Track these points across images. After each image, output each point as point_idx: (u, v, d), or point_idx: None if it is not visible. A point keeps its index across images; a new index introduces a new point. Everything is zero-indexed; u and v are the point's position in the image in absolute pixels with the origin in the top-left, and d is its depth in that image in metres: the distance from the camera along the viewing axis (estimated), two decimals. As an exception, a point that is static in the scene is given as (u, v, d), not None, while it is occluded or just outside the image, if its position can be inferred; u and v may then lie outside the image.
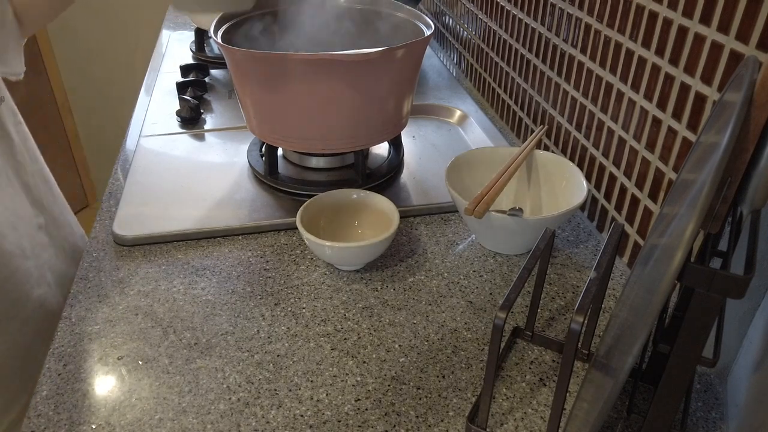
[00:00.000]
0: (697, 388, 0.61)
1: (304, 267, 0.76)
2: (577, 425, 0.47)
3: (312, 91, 0.79)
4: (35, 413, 0.57)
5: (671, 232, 0.39)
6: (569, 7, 0.83)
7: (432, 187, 0.91)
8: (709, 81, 0.59)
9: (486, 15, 1.13)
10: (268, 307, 0.70)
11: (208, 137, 1.07)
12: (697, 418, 0.58)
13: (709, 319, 0.38)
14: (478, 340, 0.66)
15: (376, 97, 0.82)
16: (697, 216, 0.32)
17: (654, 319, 0.34)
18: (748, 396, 0.55)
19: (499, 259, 0.78)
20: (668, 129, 0.66)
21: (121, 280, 0.73)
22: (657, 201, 0.69)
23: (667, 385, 0.41)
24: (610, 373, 0.40)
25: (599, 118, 0.79)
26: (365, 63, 0.76)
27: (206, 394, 0.59)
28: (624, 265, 0.77)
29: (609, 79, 0.76)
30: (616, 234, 0.54)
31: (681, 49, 0.62)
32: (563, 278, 0.75)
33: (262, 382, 0.61)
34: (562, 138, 0.90)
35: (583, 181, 0.76)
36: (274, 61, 0.77)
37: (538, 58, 0.94)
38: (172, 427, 0.56)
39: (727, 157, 0.33)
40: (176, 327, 0.67)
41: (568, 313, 0.70)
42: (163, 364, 0.62)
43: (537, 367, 0.63)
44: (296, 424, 0.56)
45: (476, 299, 0.71)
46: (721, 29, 0.56)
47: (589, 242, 0.81)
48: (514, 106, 1.06)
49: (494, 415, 0.58)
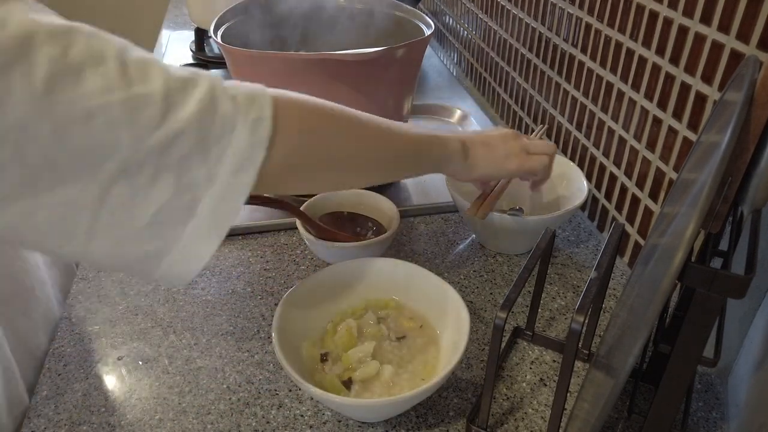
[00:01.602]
0: (698, 388, 0.61)
1: (304, 267, 0.76)
2: (577, 425, 0.47)
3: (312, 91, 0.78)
4: (35, 413, 0.57)
5: (672, 232, 0.39)
6: (569, 6, 0.83)
7: (432, 187, 0.90)
8: (710, 80, 0.59)
9: (486, 14, 1.13)
10: (268, 307, 0.70)
11: (208, 137, 1.07)
12: (697, 418, 0.58)
13: (709, 319, 0.38)
14: (478, 340, 0.66)
15: (376, 96, 0.82)
16: (698, 216, 0.32)
17: (655, 319, 0.34)
18: (749, 396, 0.54)
19: (499, 259, 0.78)
20: (669, 128, 0.66)
21: (121, 280, 0.73)
22: (657, 201, 0.69)
23: (668, 385, 0.41)
24: (611, 373, 0.40)
25: (600, 117, 0.79)
26: (365, 63, 0.76)
27: (206, 394, 0.59)
28: (624, 265, 0.77)
29: (609, 78, 0.76)
30: (617, 234, 0.54)
31: (681, 48, 0.62)
32: (564, 278, 0.75)
33: (262, 382, 0.61)
34: (563, 138, 0.90)
35: (584, 181, 0.76)
36: (274, 61, 0.77)
37: (539, 58, 0.94)
38: (172, 427, 0.56)
39: (727, 157, 0.33)
40: (176, 327, 0.67)
41: (568, 313, 0.70)
42: (163, 364, 0.62)
43: (537, 367, 0.63)
44: (296, 424, 0.56)
45: (476, 299, 0.71)
46: (722, 29, 0.56)
47: (590, 242, 0.81)
48: (515, 106, 1.06)
49: (494, 415, 0.58)
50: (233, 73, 0.84)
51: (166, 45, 1.45)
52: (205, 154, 0.40)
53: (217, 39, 0.81)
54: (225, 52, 0.81)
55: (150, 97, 0.37)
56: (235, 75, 0.83)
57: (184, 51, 1.40)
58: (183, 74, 0.40)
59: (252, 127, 0.42)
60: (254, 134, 0.42)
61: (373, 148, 0.55)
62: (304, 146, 0.48)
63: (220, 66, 1.31)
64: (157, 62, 0.40)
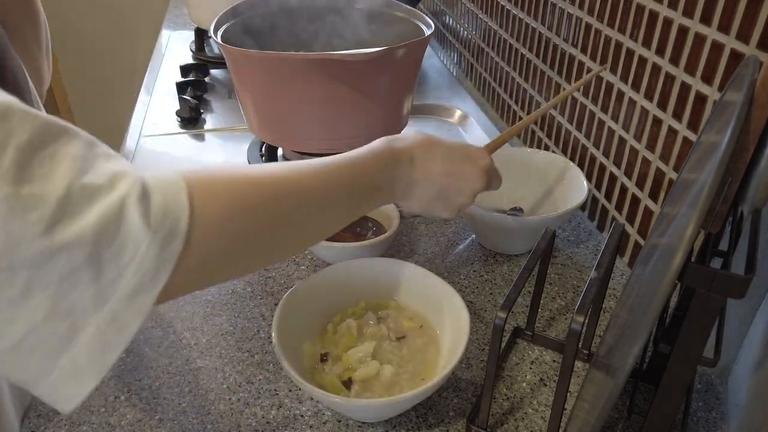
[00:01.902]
0: (698, 388, 0.60)
1: (304, 267, 0.76)
2: (577, 425, 0.47)
3: (312, 91, 0.79)
4: (35, 413, 0.57)
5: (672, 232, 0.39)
6: (569, 6, 0.83)
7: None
8: (710, 81, 0.59)
9: (486, 14, 1.13)
10: (268, 307, 0.70)
11: (208, 137, 1.07)
12: (697, 418, 0.58)
13: (709, 319, 0.38)
14: (478, 340, 0.66)
15: (376, 97, 0.82)
16: (698, 216, 0.32)
17: (654, 319, 0.34)
18: (749, 396, 0.54)
19: (499, 259, 0.78)
20: (669, 129, 0.66)
21: (121, 280, 0.73)
22: (657, 201, 0.69)
23: (668, 385, 0.41)
24: (611, 373, 0.40)
25: (600, 117, 0.79)
26: (365, 63, 0.76)
27: (206, 394, 0.59)
28: (624, 265, 0.77)
29: (609, 78, 0.76)
30: (617, 234, 0.54)
31: (681, 48, 0.62)
32: (564, 278, 0.75)
33: (262, 382, 0.61)
34: (563, 137, 0.90)
35: (584, 181, 0.76)
36: (274, 61, 0.77)
37: (539, 58, 0.94)
38: (172, 427, 0.56)
39: (727, 157, 0.33)
40: (176, 327, 0.67)
41: (568, 313, 0.70)
42: (163, 364, 0.62)
43: (537, 367, 0.63)
44: (296, 424, 0.56)
45: (476, 299, 0.71)
46: (722, 29, 0.56)
47: (590, 242, 0.81)
48: (515, 106, 1.06)
49: (494, 415, 0.58)
50: (233, 72, 0.84)
51: (166, 45, 1.45)
52: (96, 273, 0.33)
53: (217, 39, 0.81)
54: (225, 52, 0.81)
55: (41, 199, 0.31)
56: (235, 75, 0.84)
57: (184, 51, 1.40)
58: (97, 180, 0.34)
59: (162, 244, 0.35)
60: (162, 252, 0.35)
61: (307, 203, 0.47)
62: (227, 248, 0.41)
63: (220, 66, 1.31)
64: (74, 161, 0.34)
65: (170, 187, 0.37)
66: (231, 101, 1.18)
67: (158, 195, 0.36)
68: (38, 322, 0.33)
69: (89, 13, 2.30)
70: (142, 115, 1.13)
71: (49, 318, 0.33)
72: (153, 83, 1.25)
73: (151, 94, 1.21)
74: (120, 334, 0.35)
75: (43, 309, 0.32)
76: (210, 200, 0.39)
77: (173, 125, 1.09)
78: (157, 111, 1.14)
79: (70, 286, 0.33)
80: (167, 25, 1.59)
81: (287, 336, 0.56)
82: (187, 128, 1.08)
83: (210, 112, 1.14)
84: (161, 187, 0.37)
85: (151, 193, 0.36)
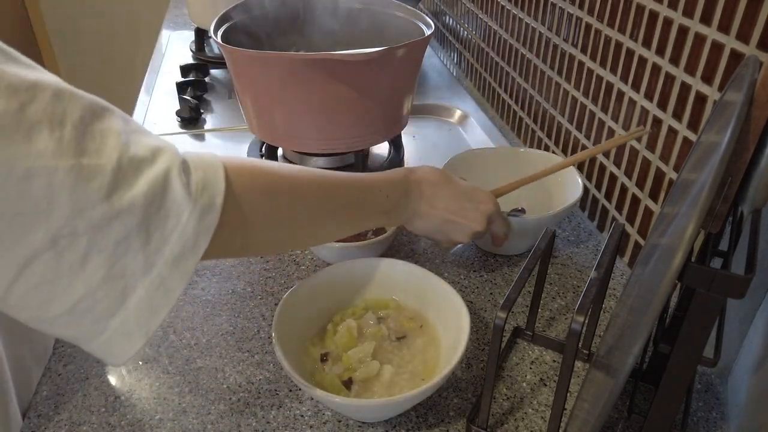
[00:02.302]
0: (698, 388, 0.60)
1: (304, 267, 0.76)
2: (577, 425, 0.47)
3: (312, 91, 0.79)
4: (35, 413, 0.57)
5: (672, 232, 0.39)
6: (569, 6, 0.83)
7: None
8: (710, 81, 0.59)
9: (486, 15, 1.13)
10: (268, 307, 0.70)
11: (208, 137, 1.07)
12: (697, 418, 0.58)
13: (709, 319, 0.38)
14: (478, 340, 0.66)
15: (377, 97, 0.82)
16: (698, 216, 0.32)
17: (654, 319, 0.34)
18: (749, 396, 0.54)
19: (499, 259, 0.78)
20: (669, 129, 0.66)
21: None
22: (657, 201, 0.69)
23: (668, 385, 0.41)
24: (611, 373, 0.40)
25: (600, 117, 0.79)
26: (365, 63, 0.76)
27: (206, 394, 0.59)
28: (624, 265, 0.77)
29: (609, 78, 0.76)
30: (617, 234, 0.54)
31: (681, 48, 0.62)
32: (564, 278, 0.75)
33: (262, 382, 0.61)
34: (563, 137, 0.90)
35: (578, 178, 0.76)
36: (274, 61, 0.77)
37: (539, 58, 0.94)
38: (172, 427, 0.56)
39: (727, 157, 0.33)
40: (176, 327, 0.67)
41: (568, 313, 0.70)
42: (163, 364, 0.62)
43: (537, 367, 0.63)
44: (296, 424, 0.56)
45: (476, 299, 0.71)
46: (722, 29, 0.56)
47: (590, 242, 0.81)
48: (515, 106, 1.06)
49: (495, 415, 0.58)
50: (233, 73, 0.84)
51: (166, 45, 1.45)
52: (145, 238, 0.37)
53: (217, 39, 0.81)
54: (225, 52, 0.81)
55: (99, 169, 0.35)
56: (235, 75, 0.84)
57: (184, 51, 1.40)
58: (141, 153, 0.37)
59: (201, 215, 0.39)
60: (201, 222, 0.39)
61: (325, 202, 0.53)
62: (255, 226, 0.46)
63: (220, 66, 1.31)
64: (119, 136, 0.37)
65: (210, 166, 0.41)
66: (231, 101, 1.18)
67: (199, 171, 0.40)
68: (94, 286, 0.35)
69: (89, 13, 2.30)
70: (142, 115, 1.13)
71: (104, 281, 0.36)
72: (153, 83, 1.25)
73: (151, 94, 1.21)
74: (166, 297, 0.39)
75: (100, 272, 0.35)
76: (243, 183, 0.44)
77: (173, 125, 1.09)
78: (157, 111, 1.14)
79: (124, 250, 0.36)
80: (167, 25, 1.59)
81: (287, 336, 0.56)
82: (187, 128, 1.08)
83: (210, 112, 1.15)
84: (201, 165, 0.41)
85: (192, 168, 0.40)
